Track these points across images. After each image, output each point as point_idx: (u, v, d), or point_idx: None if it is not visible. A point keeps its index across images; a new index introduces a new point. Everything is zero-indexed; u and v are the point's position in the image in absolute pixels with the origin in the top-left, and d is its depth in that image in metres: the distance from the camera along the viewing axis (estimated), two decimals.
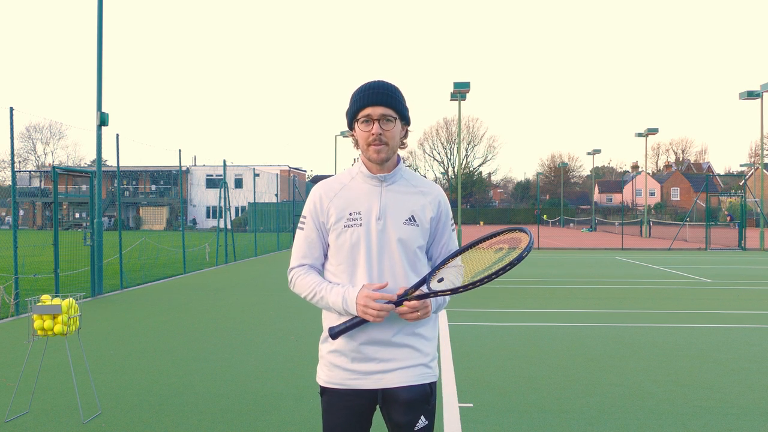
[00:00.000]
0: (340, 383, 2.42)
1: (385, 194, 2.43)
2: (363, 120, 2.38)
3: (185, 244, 17.68)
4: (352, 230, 2.40)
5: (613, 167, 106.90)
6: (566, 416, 5.13)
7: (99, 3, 13.09)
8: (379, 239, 2.39)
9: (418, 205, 2.45)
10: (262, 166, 58.48)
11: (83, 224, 52.95)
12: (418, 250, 2.45)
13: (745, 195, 33.69)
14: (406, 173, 2.50)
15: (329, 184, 2.49)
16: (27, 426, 4.91)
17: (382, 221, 2.40)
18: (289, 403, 5.45)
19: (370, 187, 2.44)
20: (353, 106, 2.40)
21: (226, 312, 10.48)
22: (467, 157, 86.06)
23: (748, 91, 30.45)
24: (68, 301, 5.13)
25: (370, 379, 2.40)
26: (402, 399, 2.38)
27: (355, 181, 2.47)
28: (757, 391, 5.86)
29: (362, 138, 2.40)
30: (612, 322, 9.53)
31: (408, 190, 2.47)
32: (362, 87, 2.42)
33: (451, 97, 30.98)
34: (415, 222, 2.43)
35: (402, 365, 2.40)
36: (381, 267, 2.40)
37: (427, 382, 2.43)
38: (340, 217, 2.41)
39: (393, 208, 2.42)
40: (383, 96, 2.37)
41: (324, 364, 2.48)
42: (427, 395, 2.42)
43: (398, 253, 2.40)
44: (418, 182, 2.52)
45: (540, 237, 34.46)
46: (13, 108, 10.18)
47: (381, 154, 2.38)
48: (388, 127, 2.38)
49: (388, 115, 2.37)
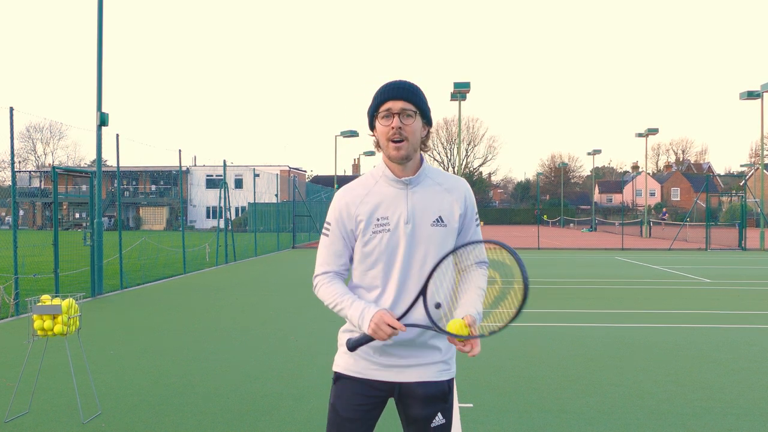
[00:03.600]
0: (359, 372, 2.41)
1: (411, 197, 2.39)
2: (383, 115, 2.35)
3: (185, 244, 17.69)
4: (381, 236, 2.37)
5: (614, 167, 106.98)
6: (566, 416, 5.13)
7: (99, 3, 13.10)
8: (408, 243, 2.37)
9: (446, 204, 2.42)
10: (262, 166, 58.48)
11: (83, 224, 52.93)
12: (449, 250, 2.41)
13: (746, 195, 33.69)
14: (431, 172, 2.46)
15: (354, 190, 2.44)
16: (27, 426, 4.91)
17: (411, 225, 2.37)
18: (289, 403, 5.45)
19: (396, 190, 2.40)
20: (374, 102, 2.38)
21: (226, 312, 10.48)
22: (467, 157, 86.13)
23: (748, 91, 30.45)
24: (68, 301, 5.13)
25: (390, 372, 2.39)
26: (419, 394, 2.38)
27: (379, 185, 2.42)
28: (757, 391, 5.86)
29: (382, 134, 2.36)
30: (612, 322, 9.53)
31: (434, 189, 2.43)
32: (384, 84, 2.40)
33: (451, 97, 31.00)
34: (443, 223, 2.40)
35: (422, 362, 2.40)
36: (410, 271, 2.38)
37: (445, 379, 2.43)
38: (368, 224, 2.38)
39: (420, 211, 2.38)
40: (404, 91, 2.35)
41: (344, 352, 2.45)
42: (445, 393, 2.42)
43: (429, 255, 2.38)
44: (443, 179, 2.47)
45: (540, 237, 34.45)
46: (13, 108, 10.19)
47: (401, 151, 2.33)
48: (408, 121, 2.33)
49: (408, 109, 2.33)
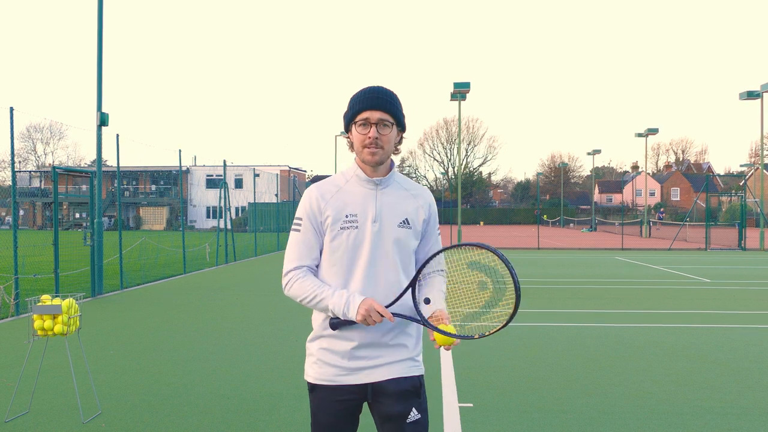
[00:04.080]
0: (330, 380, 2.47)
1: (380, 197, 2.49)
2: (361, 123, 2.43)
3: (185, 244, 17.69)
4: (349, 232, 2.44)
5: (613, 167, 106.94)
6: (566, 416, 5.13)
7: (99, 3, 13.10)
8: (374, 241, 2.44)
9: (412, 208, 2.53)
10: (262, 166, 58.49)
11: (83, 224, 52.96)
12: (411, 252, 2.52)
13: (745, 195, 33.68)
14: (399, 178, 2.58)
15: (325, 186, 2.52)
16: (27, 426, 4.91)
17: (378, 224, 2.45)
18: (289, 403, 5.45)
19: (366, 190, 2.49)
20: (352, 109, 2.46)
21: (226, 312, 10.49)
22: (467, 157, 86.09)
23: (748, 91, 30.45)
24: (68, 301, 5.13)
25: (360, 375, 2.45)
26: (392, 391, 2.43)
27: (350, 183, 2.51)
28: (756, 391, 5.87)
29: (358, 140, 2.45)
30: (612, 322, 9.54)
31: (401, 194, 2.54)
32: (362, 91, 2.47)
33: (451, 97, 31.00)
34: (408, 225, 2.50)
35: (391, 360, 2.47)
36: (376, 268, 2.45)
37: (415, 375, 2.49)
38: (336, 219, 2.44)
39: (388, 212, 2.48)
40: (382, 101, 2.42)
41: (313, 362, 2.53)
42: (417, 388, 2.48)
43: (393, 255, 2.46)
44: (410, 186, 2.60)
45: (540, 237, 34.46)
46: (13, 108, 10.19)
47: (375, 156, 2.43)
48: (385, 131, 2.43)
49: (385, 119, 2.43)
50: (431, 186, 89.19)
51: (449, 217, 34.76)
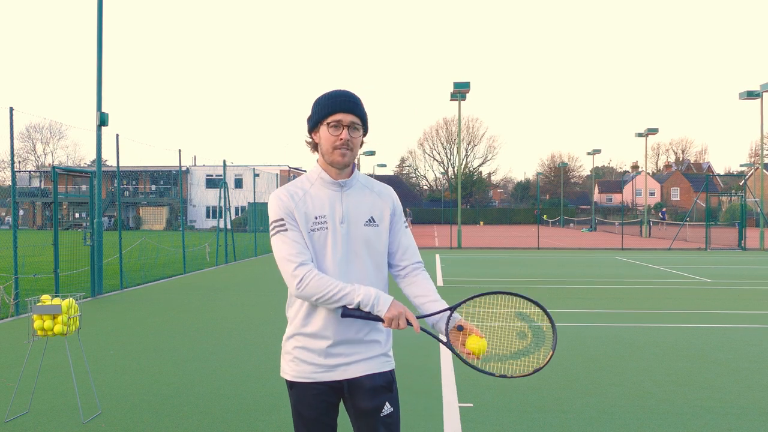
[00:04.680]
0: (307, 377, 2.54)
1: (346, 198, 2.56)
2: (333, 125, 2.49)
3: (185, 244, 17.69)
4: (319, 234, 2.50)
5: (613, 167, 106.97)
6: (566, 416, 5.13)
7: (99, 3, 13.10)
8: (344, 241, 2.51)
9: (377, 206, 2.61)
10: (262, 166, 58.45)
11: (83, 224, 52.94)
12: (382, 249, 2.59)
13: (745, 195, 33.69)
14: (361, 178, 2.66)
15: (291, 190, 2.55)
16: (27, 426, 4.91)
17: (346, 224, 2.52)
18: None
19: (331, 192, 2.55)
20: (323, 110, 2.51)
21: (226, 312, 10.49)
22: (467, 157, 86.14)
23: (748, 91, 30.43)
24: (68, 301, 5.13)
25: (336, 372, 2.52)
26: (366, 386, 2.51)
27: (315, 187, 2.57)
28: (756, 391, 5.87)
29: (328, 141, 2.50)
30: (612, 322, 9.54)
31: (365, 192, 2.62)
32: (332, 93, 2.54)
33: (451, 97, 30.99)
34: (375, 223, 2.58)
35: (365, 356, 2.54)
36: (349, 267, 2.51)
37: (387, 370, 2.58)
38: (306, 221, 2.50)
39: (354, 212, 2.55)
40: (354, 105, 2.51)
41: (290, 360, 2.58)
42: (389, 382, 2.56)
43: (364, 253, 2.54)
44: (373, 184, 2.68)
45: (540, 237, 34.46)
46: (13, 108, 10.18)
47: (345, 158, 2.50)
48: (356, 134, 2.52)
49: (356, 123, 2.51)
50: (431, 186, 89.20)
51: (449, 217, 34.78)
